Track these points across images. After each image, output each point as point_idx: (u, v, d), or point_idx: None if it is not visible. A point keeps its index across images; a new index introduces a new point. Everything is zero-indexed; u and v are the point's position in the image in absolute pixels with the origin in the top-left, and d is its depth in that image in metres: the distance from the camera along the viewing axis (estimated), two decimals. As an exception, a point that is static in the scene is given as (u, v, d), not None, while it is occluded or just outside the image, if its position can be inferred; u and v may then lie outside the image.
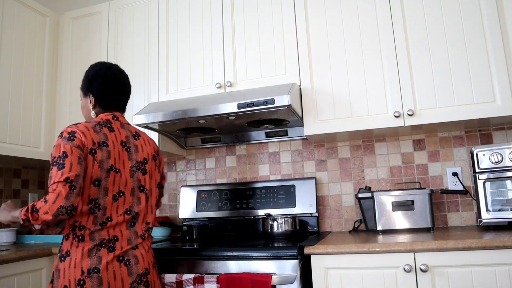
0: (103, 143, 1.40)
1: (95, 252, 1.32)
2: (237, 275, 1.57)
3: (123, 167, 1.43)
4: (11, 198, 2.61)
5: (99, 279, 1.29)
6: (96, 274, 1.30)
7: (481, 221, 1.76)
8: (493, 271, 1.45)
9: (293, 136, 2.36)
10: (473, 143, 2.12)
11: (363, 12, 2.02)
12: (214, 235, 2.36)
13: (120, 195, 1.41)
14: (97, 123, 1.46)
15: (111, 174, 1.39)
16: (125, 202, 1.42)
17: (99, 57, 2.48)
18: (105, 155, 1.39)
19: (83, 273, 1.29)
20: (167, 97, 2.29)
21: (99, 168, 1.37)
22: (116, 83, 1.55)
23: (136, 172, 1.47)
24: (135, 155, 1.48)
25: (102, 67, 1.56)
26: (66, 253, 1.34)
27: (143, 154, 1.51)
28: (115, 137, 1.45)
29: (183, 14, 2.35)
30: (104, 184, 1.37)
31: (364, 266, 1.56)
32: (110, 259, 1.33)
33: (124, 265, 1.35)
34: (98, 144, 1.39)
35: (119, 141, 1.45)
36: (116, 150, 1.43)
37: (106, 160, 1.39)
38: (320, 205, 2.30)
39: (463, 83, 1.84)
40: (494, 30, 1.81)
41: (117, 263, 1.34)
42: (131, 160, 1.47)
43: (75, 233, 1.34)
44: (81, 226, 1.34)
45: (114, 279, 1.31)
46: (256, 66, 2.15)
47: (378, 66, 1.96)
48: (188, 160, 2.61)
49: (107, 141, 1.42)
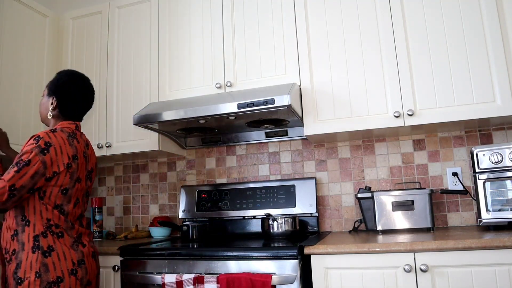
0: (75, 157, 1.56)
1: (75, 247, 1.53)
2: (237, 275, 1.57)
3: (83, 176, 1.61)
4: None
5: (85, 269, 1.53)
6: (83, 265, 1.52)
7: (481, 221, 1.76)
8: (493, 271, 1.45)
9: (293, 136, 2.36)
10: (473, 143, 2.12)
11: (363, 12, 2.02)
12: (214, 235, 2.36)
13: (78, 201, 1.59)
14: (69, 134, 1.58)
15: (75, 184, 1.57)
16: (80, 206, 1.60)
17: (99, 57, 2.49)
18: (75, 167, 1.56)
19: (74, 264, 1.50)
20: (167, 97, 2.29)
21: (69, 179, 1.53)
22: (85, 95, 1.69)
23: (86, 180, 1.64)
24: (87, 164, 1.65)
25: (76, 77, 1.68)
26: (49, 248, 1.47)
27: (91, 164, 1.68)
28: (79, 148, 1.60)
29: (183, 14, 2.35)
30: (70, 193, 1.54)
31: (364, 266, 1.56)
32: (87, 253, 1.56)
33: (92, 258, 1.59)
34: (73, 158, 1.55)
35: (81, 152, 1.61)
36: (80, 161, 1.59)
37: (76, 171, 1.56)
38: (320, 205, 2.30)
39: (463, 83, 1.84)
40: (494, 30, 1.81)
41: (92, 259, 1.58)
42: (86, 169, 1.64)
43: (52, 231, 1.49)
44: (56, 225, 1.50)
45: (91, 269, 1.56)
46: (256, 66, 2.15)
47: (378, 66, 1.96)
48: (188, 160, 2.61)
49: (77, 154, 1.58)
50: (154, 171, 2.68)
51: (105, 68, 2.46)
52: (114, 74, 2.44)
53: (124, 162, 2.75)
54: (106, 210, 2.75)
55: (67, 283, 1.45)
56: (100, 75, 2.46)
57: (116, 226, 2.71)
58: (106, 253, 1.89)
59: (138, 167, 2.72)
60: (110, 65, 2.46)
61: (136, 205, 2.69)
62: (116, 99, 2.41)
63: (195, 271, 1.69)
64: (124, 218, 2.70)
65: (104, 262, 1.90)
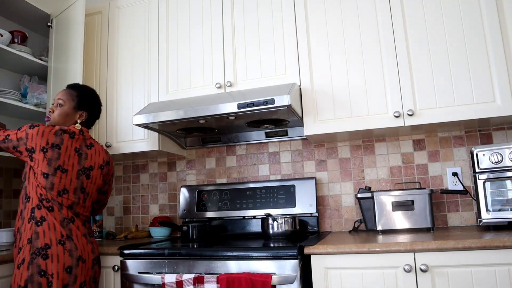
0: (55, 145, 1.68)
1: (65, 223, 1.65)
2: (237, 275, 1.57)
3: (70, 168, 1.70)
4: (11, 198, 2.61)
5: (75, 245, 1.63)
6: (72, 241, 1.62)
7: (481, 221, 1.76)
8: (493, 271, 1.45)
9: (293, 136, 2.36)
10: (473, 143, 2.12)
11: (363, 12, 2.02)
12: (214, 235, 2.36)
13: (65, 191, 1.68)
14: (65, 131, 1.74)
15: (57, 172, 1.67)
16: (69, 198, 1.69)
17: (99, 57, 2.49)
18: (54, 156, 1.67)
19: (62, 236, 1.61)
20: (167, 97, 2.29)
21: (47, 165, 1.65)
22: (100, 110, 1.97)
23: (79, 175, 1.73)
24: (84, 161, 1.75)
25: (96, 94, 1.95)
26: (41, 219, 1.61)
27: (90, 162, 1.78)
28: (69, 143, 1.73)
29: (183, 14, 2.35)
30: (51, 179, 1.65)
31: (364, 266, 1.56)
32: (80, 234, 1.67)
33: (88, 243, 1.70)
34: (52, 145, 1.68)
35: (73, 147, 1.73)
36: (67, 154, 1.70)
37: (55, 160, 1.67)
38: (320, 205, 2.30)
39: (463, 83, 1.84)
40: (494, 30, 1.81)
41: (85, 239, 1.69)
42: (80, 164, 1.74)
43: (44, 205, 1.63)
44: (47, 199, 1.64)
45: (83, 249, 1.66)
46: (256, 66, 2.15)
47: (378, 66, 1.96)
48: (188, 160, 2.61)
49: (61, 145, 1.70)
50: (154, 171, 2.68)
51: (105, 68, 2.46)
52: (114, 74, 2.44)
53: (124, 162, 2.75)
54: (106, 210, 2.75)
55: (54, 250, 1.57)
56: (100, 75, 2.46)
57: (116, 226, 2.71)
58: (106, 253, 1.89)
59: (138, 167, 2.72)
60: (110, 65, 2.46)
61: (136, 205, 2.69)
62: (116, 99, 2.41)
63: (195, 271, 1.69)
64: (124, 218, 2.70)
65: (104, 262, 1.90)
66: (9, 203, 2.60)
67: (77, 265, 1.61)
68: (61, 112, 1.83)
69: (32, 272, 1.53)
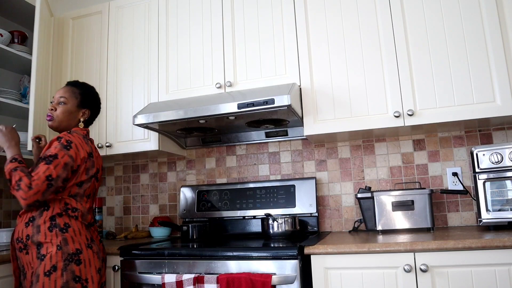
0: (90, 154, 1.71)
1: (88, 227, 1.68)
2: (237, 275, 1.57)
3: (92, 174, 1.73)
4: (11, 198, 2.61)
5: (98, 248, 1.68)
6: (95, 244, 1.67)
7: (481, 221, 1.76)
8: (493, 271, 1.45)
9: (293, 136, 2.36)
10: (473, 143, 2.12)
11: (363, 12, 2.02)
12: (214, 235, 2.36)
13: (89, 196, 1.73)
14: (83, 136, 1.75)
15: (92, 180, 1.71)
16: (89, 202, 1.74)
17: (99, 57, 2.49)
18: (90, 164, 1.70)
19: (88, 240, 1.64)
20: (167, 97, 2.29)
21: (85, 174, 1.68)
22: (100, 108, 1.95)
23: (93, 178, 1.75)
24: (96, 164, 1.76)
25: (96, 92, 1.92)
26: (66, 225, 1.60)
27: (97, 165, 1.78)
28: (93, 148, 1.76)
29: (183, 14, 2.35)
30: (84, 186, 1.68)
31: (364, 266, 1.56)
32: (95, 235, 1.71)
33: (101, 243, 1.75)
34: (88, 155, 1.69)
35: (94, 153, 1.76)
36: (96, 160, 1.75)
37: (91, 168, 1.70)
38: (320, 205, 2.30)
39: (463, 83, 1.84)
40: (494, 30, 1.81)
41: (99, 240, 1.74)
42: (93, 168, 1.74)
43: (68, 214, 1.62)
44: (74, 208, 1.64)
45: (103, 249, 1.73)
46: (256, 66, 2.15)
47: (378, 66, 1.96)
48: (188, 160, 2.61)
49: (92, 152, 1.73)
50: (154, 171, 2.68)
51: (105, 68, 2.46)
52: (114, 74, 2.44)
53: (124, 162, 2.75)
54: (106, 210, 2.75)
55: (85, 254, 1.60)
56: (100, 75, 2.46)
57: (116, 226, 2.71)
58: (106, 253, 1.89)
59: (138, 167, 2.72)
60: (110, 65, 2.46)
61: (136, 205, 2.69)
62: (116, 99, 2.41)
63: (195, 271, 1.69)
64: (124, 218, 2.70)
65: (104, 262, 1.90)
66: (9, 203, 2.60)
67: (103, 266, 1.69)
68: (65, 110, 1.79)
69: (67, 279, 1.53)
